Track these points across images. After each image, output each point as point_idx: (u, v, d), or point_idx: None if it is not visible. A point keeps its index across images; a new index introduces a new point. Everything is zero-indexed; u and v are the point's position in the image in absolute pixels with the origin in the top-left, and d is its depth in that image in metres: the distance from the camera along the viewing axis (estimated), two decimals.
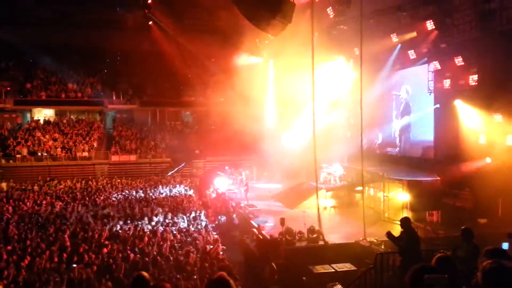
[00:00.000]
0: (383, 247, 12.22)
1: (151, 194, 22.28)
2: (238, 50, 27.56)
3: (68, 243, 12.32)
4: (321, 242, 13.52)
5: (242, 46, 26.25)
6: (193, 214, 17.11)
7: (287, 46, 20.99)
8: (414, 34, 18.86)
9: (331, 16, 20.08)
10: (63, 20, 34.87)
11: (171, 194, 22.26)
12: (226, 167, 27.26)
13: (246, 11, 11.75)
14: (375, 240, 12.98)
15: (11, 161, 29.32)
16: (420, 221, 14.88)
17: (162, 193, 22.48)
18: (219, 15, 24.80)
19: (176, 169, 31.32)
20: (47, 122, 34.70)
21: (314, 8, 14.28)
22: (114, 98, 36.52)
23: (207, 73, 33.49)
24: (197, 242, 12.76)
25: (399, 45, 20.08)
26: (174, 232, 13.94)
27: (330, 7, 19.73)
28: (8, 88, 34.98)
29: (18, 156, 29.64)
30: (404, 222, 8.28)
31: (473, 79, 16.16)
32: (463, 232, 7.11)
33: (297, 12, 11.39)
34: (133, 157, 31.96)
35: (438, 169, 17.11)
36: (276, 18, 11.19)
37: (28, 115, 36.20)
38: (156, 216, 16.49)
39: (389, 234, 8.34)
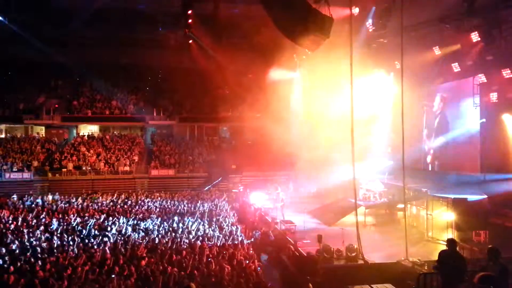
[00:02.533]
0: (426, 268, 11.65)
1: (188, 208, 22.51)
2: (275, 66, 27.73)
3: (108, 255, 12.58)
4: (360, 261, 13.08)
5: (280, 62, 26.41)
6: (229, 229, 17.09)
7: (325, 61, 20.86)
8: (458, 46, 18.27)
9: (371, 30, 19.84)
10: (108, 41, 36.62)
11: (208, 209, 22.39)
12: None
13: (283, 27, 11.82)
14: (418, 260, 12.39)
15: (57, 174, 30.65)
16: (466, 241, 14.12)
17: (199, 207, 22.66)
18: (257, 32, 25.14)
19: (213, 183, 31.60)
20: (91, 137, 36.15)
21: (353, 22, 14.13)
22: (154, 115, 37.61)
23: (244, 89, 33.88)
24: (233, 257, 12.68)
25: (442, 58, 19.48)
26: (211, 246, 13.93)
27: (370, 21, 19.52)
28: (56, 106, 36.93)
29: (64, 170, 30.96)
30: (450, 244, 7.88)
31: None
32: (490, 251, 6.94)
33: (336, 27, 11.33)
34: (171, 172, 32.60)
35: (485, 187, 16.26)
36: (313, 33, 11.17)
37: (74, 130, 37.91)
38: (193, 230, 16.61)
39: (435, 268, 8.03)
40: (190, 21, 30.54)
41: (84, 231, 16.44)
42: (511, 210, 15.76)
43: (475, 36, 17.04)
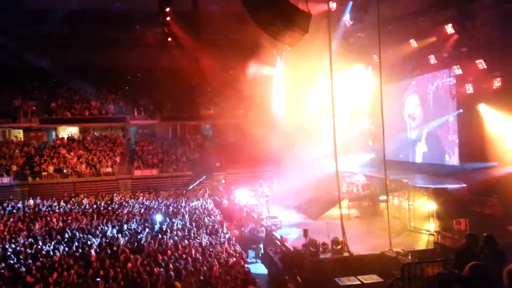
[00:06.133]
0: (410, 258, 11.92)
1: (173, 207, 22.39)
2: (256, 62, 27.72)
3: (93, 258, 12.46)
4: (346, 254, 13.28)
5: (260, 57, 26.40)
6: (215, 227, 17.10)
7: (305, 56, 20.97)
8: (433, 39, 18.58)
9: (348, 24, 20.02)
10: (85, 40, 35.84)
11: (193, 207, 22.32)
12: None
13: (262, 23, 11.82)
14: (401, 251, 12.66)
15: (37, 178, 30.03)
16: (447, 229, 14.47)
17: (184, 206, 22.57)
18: (236, 28, 25.05)
19: (197, 182, 31.48)
20: (71, 139, 35.51)
21: (331, 17, 14.25)
22: (135, 114, 37.17)
23: (225, 86, 33.77)
24: (221, 255, 12.72)
25: (419, 51, 19.80)
26: (197, 245, 13.92)
27: (347, 15, 19.68)
28: (34, 108, 36.04)
29: (44, 173, 30.34)
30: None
31: (496, 82, 15.78)
32: (486, 239, 6.88)
33: (314, 22, 11.38)
34: (155, 171, 32.31)
35: (464, 176, 16.66)
36: (292, 29, 11.22)
37: (53, 133, 37.14)
38: (178, 229, 16.55)
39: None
40: (168, 18, 30.13)
41: (68, 234, 16.22)
42: (489, 198, 16.18)
43: (449, 28, 17.36)
